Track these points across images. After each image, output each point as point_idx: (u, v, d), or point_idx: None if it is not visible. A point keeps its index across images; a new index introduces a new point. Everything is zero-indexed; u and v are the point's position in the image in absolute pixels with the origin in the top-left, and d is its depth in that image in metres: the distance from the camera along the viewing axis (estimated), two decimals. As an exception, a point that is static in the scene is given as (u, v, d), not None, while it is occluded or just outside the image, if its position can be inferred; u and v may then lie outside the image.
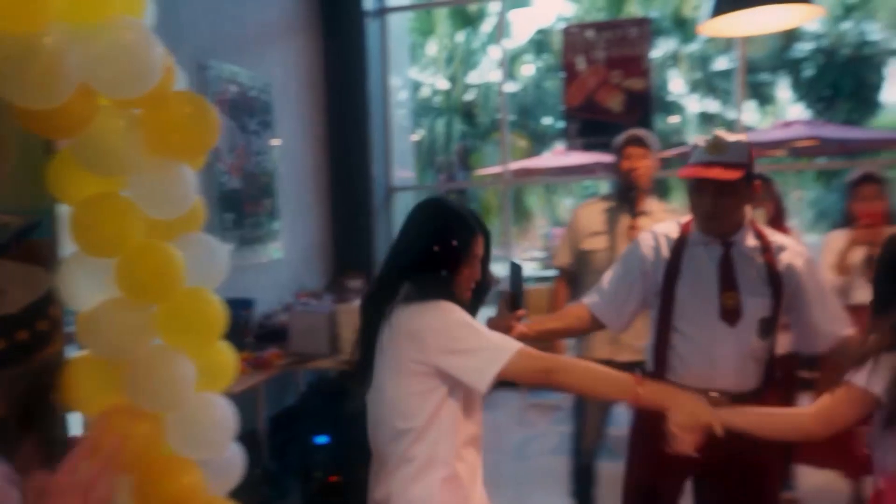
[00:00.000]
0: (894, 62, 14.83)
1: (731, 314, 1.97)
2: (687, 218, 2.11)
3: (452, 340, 1.58)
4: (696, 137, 1.94)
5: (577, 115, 5.35)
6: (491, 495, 1.75)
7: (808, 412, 1.67)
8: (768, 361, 2.03)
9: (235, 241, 4.30)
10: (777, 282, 1.98)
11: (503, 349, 1.57)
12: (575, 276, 3.07)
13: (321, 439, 3.33)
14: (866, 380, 1.55)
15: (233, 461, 2.06)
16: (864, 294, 2.85)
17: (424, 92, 15.70)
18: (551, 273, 3.58)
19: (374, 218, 5.71)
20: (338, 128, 5.60)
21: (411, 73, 14.08)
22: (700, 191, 1.97)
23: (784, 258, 2.00)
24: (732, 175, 1.90)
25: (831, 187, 15.19)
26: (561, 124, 5.50)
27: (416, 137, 12.83)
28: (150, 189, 1.83)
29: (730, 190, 1.94)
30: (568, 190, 15.66)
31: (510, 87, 14.80)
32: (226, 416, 1.98)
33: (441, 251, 1.66)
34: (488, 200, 12.61)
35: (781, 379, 2.34)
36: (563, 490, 3.25)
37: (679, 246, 2.06)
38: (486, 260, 1.75)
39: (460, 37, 15.43)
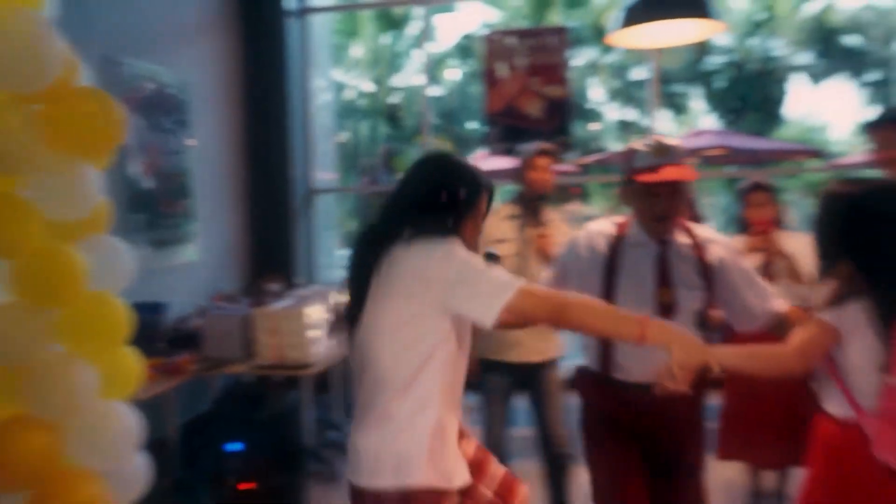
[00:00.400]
0: (795, 78, 15.72)
1: (666, 309, 2.07)
2: (622, 219, 2.19)
3: (459, 274, 1.57)
4: (634, 142, 2.01)
5: (499, 121, 5.43)
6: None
7: (787, 349, 1.80)
8: None
9: (148, 243, 4.15)
10: (709, 274, 2.11)
11: (510, 284, 1.57)
12: None
13: (235, 446, 3.26)
14: (833, 317, 1.75)
15: (138, 471, 1.99)
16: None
17: (349, 94, 15.59)
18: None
19: (293, 220, 5.63)
20: (257, 128, 5.49)
21: (335, 75, 13.97)
22: (655, 194, 2.04)
23: (712, 251, 2.13)
24: (690, 174, 2.02)
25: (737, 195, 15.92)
26: (485, 129, 5.56)
27: (339, 139, 12.72)
28: (50, 189, 1.76)
29: (680, 190, 2.05)
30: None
31: (435, 91, 14.87)
32: (130, 424, 1.92)
33: (449, 200, 1.66)
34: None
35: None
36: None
37: (617, 245, 2.13)
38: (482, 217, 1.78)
39: (385, 39, 15.40)
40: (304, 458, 3.69)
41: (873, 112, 15.66)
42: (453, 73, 15.64)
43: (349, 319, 1.71)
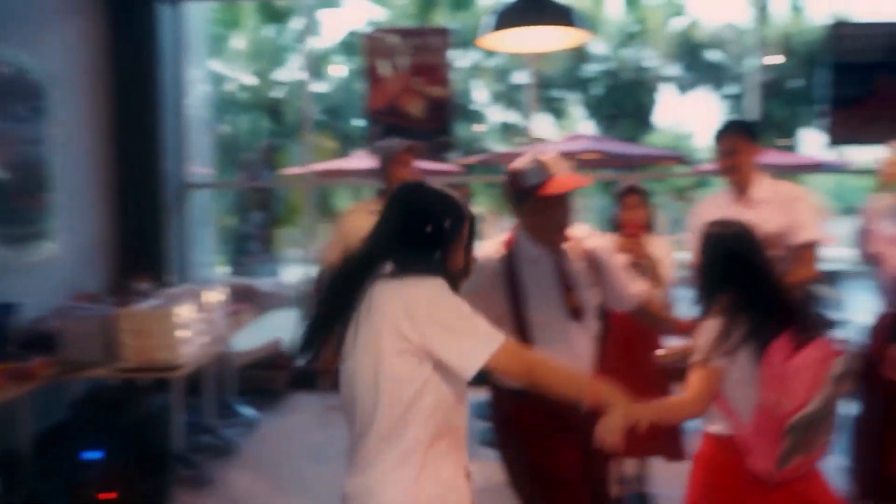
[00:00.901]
0: (665, 88, 16.70)
1: (576, 312, 2.16)
2: (505, 236, 2.24)
3: (445, 317, 1.53)
4: (515, 163, 2.07)
5: (380, 119, 5.43)
6: (289, 499, 1.72)
7: (688, 398, 1.96)
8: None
9: (-2, 239, 3.85)
10: (595, 268, 2.23)
11: (494, 338, 1.55)
12: None
13: (93, 454, 3.07)
14: (724, 361, 1.92)
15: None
16: None
17: (229, 87, 15.06)
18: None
19: (165, 216, 5.38)
20: (125, 119, 5.21)
21: (214, 67, 13.46)
22: (553, 206, 2.10)
23: (591, 246, 2.26)
24: (584, 179, 2.14)
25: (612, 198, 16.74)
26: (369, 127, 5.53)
27: (217, 133, 12.27)
28: None
29: (572, 198, 2.14)
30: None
31: (319, 88, 14.65)
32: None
33: (434, 231, 1.62)
34: (294, 201, 12.35)
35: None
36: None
37: (511, 263, 2.17)
38: (468, 245, 1.72)
39: (268, 32, 15.00)
40: (171, 464, 3.54)
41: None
42: (338, 70, 15.47)
43: (306, 344, 1.66)
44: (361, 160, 10.15)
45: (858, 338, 3.19)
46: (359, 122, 14.74)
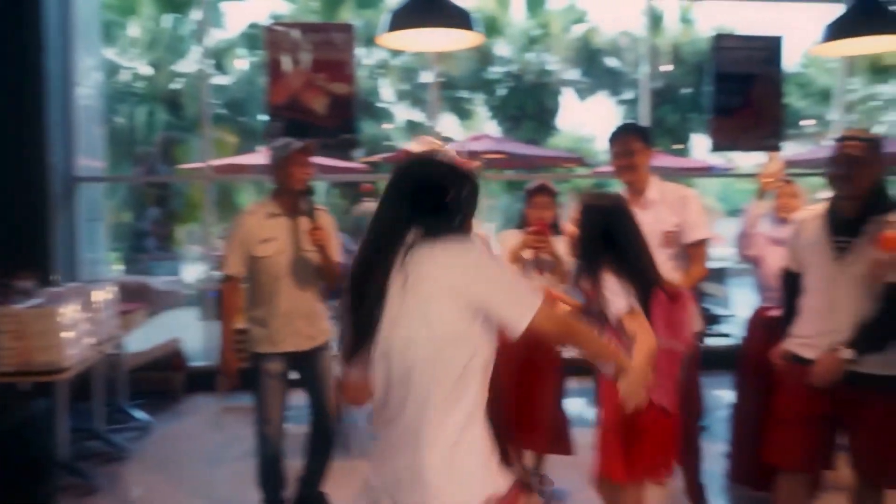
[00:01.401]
0: (567, 92, 17.22)
1: None
2: None
3: (496, 275, 1.53)
4: (410, 145, 2.13)
5: (282, 115, 5.34)
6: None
7: (643, 340, 2.13)
8: None
9: None
10: None
11: (536, 295, 1.56)
12: (243, 281, 3.14)
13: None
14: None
15: None
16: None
17: (124, 76, 14.39)
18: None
19: (51, 211, 5.10)
20: (6, 107, 4.91)
21: (107, 55, 12.82)
22: None
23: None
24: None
25: (516, 197, 17.15)
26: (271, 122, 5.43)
27: (111, 125, 11.73)
28: None
29: None
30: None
31: (221, 80, 14.23)
32: None
33: (455, 199, 1.59)
34: (194, 196, 11.96)
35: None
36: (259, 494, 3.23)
37: None
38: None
39: (167, 21, 14.44)
40: (54, 472, 3.38)
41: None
42: (241, 63, 15.07)
43: (360, 334, 1.56)
44: (263, 156, 9.99)
45: (739, 331, 3.43)
46: (262, 118, 14.43)
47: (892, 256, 2.24)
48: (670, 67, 15.61)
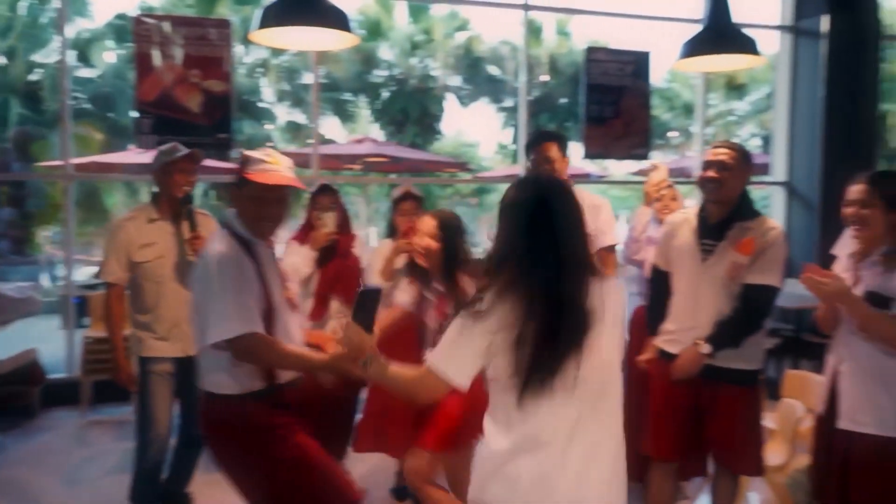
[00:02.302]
0: (450, 98, 17.47)
1: (291, 302, 2.24)
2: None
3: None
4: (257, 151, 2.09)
5: (152, 111, 5.08)
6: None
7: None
8: None
9: None
10: None
11: None
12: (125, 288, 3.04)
13: None
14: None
15: None
16: (404, 295, 3.27)
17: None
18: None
19: None
20: None
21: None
22: (275, 199, 2.13)
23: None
24: (299, 182, 2.16)
25: (401, 201, 17.19)
26: (141, 119, 5.16)
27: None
28: None
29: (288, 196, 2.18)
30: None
31: (86, 73, 13.36)
32: None
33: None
34: (56, 196, 11.15)
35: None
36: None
37: (253, 254, 2.14)
38: None
39: (22, 8, 13.39)
40: None
41: (510, 133, 18.15)
42: (109, 56, 14.22)
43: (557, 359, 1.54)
44: (133, 155, 9.44)
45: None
46: (135, 114, 13.66)
47: (748, 260, 2.42)
48: (547, 78, 16.21)
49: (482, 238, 4.13)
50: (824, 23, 5.92)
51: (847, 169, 2.56)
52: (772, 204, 6.47)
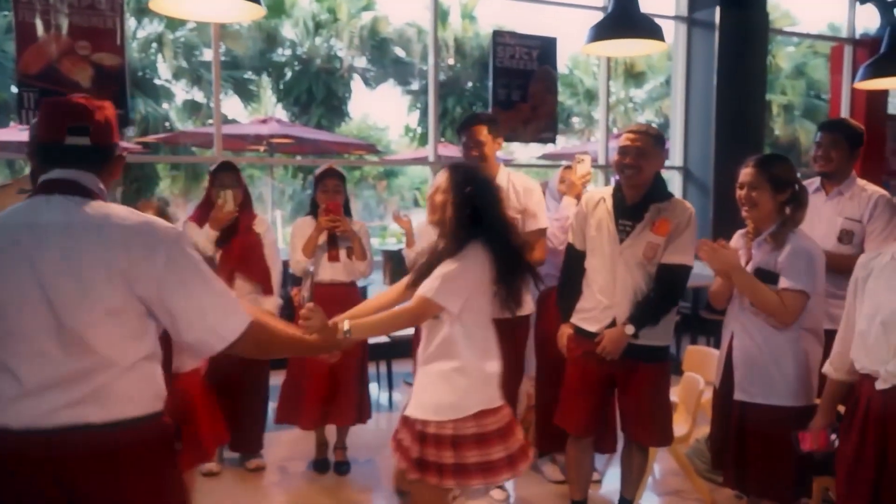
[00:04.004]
0: (356, 79, 17.22)
1: None
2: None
3: None
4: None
5: (36, 85, 4.72)
6: None
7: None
8: None
9: None
10: None
11: None
12: None
13: None
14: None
15: None
16: (327, 272, 3.33)
17: None
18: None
19: None
20: None
21: None
22: None
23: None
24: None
25: (307, 183, 16.87)
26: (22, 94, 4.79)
27: None
28: None
29: None
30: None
31: (-43, 43, 12.28)
32: None
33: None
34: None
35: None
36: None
37: None
38: None
39: None
40: None
41: (416, 116, 18.10)
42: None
43: None
44: (15, 132, 8.77)
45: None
46: (13, 88, 12.70)
47: (664, 240, 2.51)
48: (453, 61, 16.25)
49: (391, 220, 4.16)
50: (717, 15, 6.20)
51: (737, 154, 2.68)
52: (670, 187, 6.74)
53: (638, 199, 2.58)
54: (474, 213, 2.08)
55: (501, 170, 3.07)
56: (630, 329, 2.51)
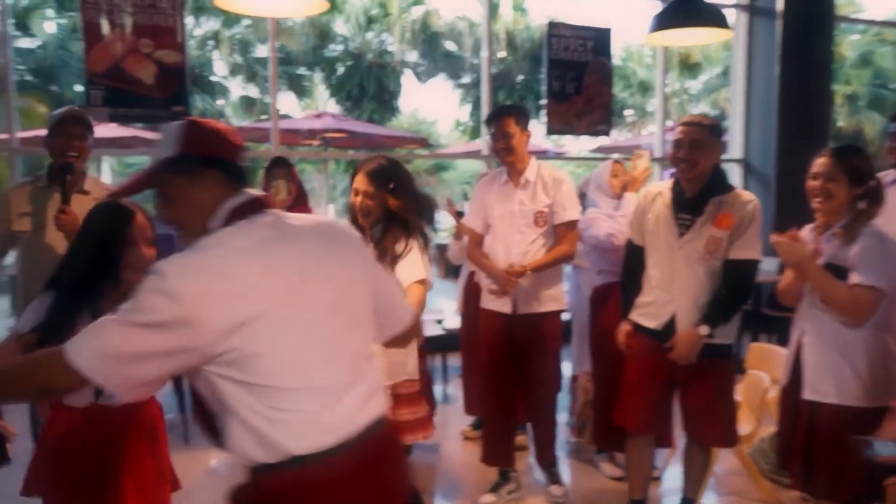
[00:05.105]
0: (407, 74, 17.28)
1: None
2: None
3: None
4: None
5: (102, 83, 4.87)
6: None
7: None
8: None
9: None
10: None
11: None
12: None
13: None
14: None
15: None
16: None
17: None
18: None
19: None
20: None
21: None
22: None
23: None
24: None
25: (359, 178, 16.99)
26: (91, 92, 4.94)
27: None
28: None
29: None
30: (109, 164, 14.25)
31: (25, 43, 12.79)
32: None
33: None
34: (1, 170, 10.69)
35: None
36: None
37: None
38: None
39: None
40: None
41: (468, 110, 18.07)
42: (49, 26, 13.63)
43: None
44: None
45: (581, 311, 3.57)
46: (80, 87, 13.16)
47: (726, 234, 2.44)
48: (504, 54, 16.15)
49: (444, 212, 4.15)
50: (779, 2, 6.00)
51: (801, 146, 2.59)
52: (729, 181, 6.57)
53: (696, 193, 2.51)
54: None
55: (531, 162, 3.02)
56: (704, 330, 2.44)
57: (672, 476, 3.22)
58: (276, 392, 1.22)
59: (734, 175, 6.40)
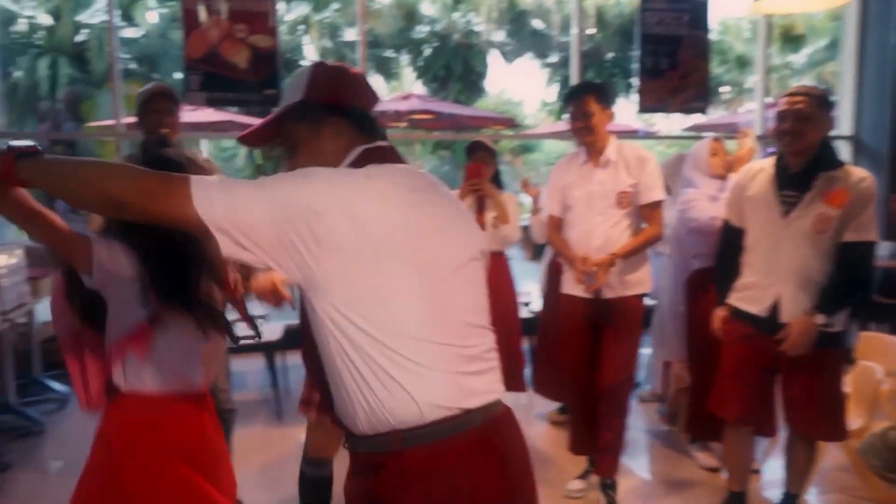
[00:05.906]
0: (493, 54, 17.13)
1: None
2: None
3: None
4: None
5: (200, 68, 5.05)
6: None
7: None
8: None
9: None
10: None
11: None
12: None
13: None
14: None
15: None
16: None
17: (20, 26, 13.37)
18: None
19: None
20: None
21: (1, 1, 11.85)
22: None
23: None
24: None
25: (444, 160, 17.06)
26: (189, 78, 5.13)
27: (9, 78, 10.90)
28: None
29: None
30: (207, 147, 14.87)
31: (130, 33, 13.42)
32: None
33: None
34: (106, 155, 11.33)
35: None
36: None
37: None
38: None
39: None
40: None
41: (555, 89, 17.75)
42: (151, 15, 14.26)
43: None
44: (184, 112, 9.47)
45: (668, 296, 3.45)
46: (179, 74, 13.73)
47: (838, 212, 2.27)
48: (594, 31, 15.73)
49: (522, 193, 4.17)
50: (898, -35, 5.56)
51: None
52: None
53: (803, 168, 2.33)
54: None
55: (611, 142, 2.84)
56: (821, 318, 2.27)
57: (772, 468, 3.07)
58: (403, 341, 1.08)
59: (843, 153, 6.01)
